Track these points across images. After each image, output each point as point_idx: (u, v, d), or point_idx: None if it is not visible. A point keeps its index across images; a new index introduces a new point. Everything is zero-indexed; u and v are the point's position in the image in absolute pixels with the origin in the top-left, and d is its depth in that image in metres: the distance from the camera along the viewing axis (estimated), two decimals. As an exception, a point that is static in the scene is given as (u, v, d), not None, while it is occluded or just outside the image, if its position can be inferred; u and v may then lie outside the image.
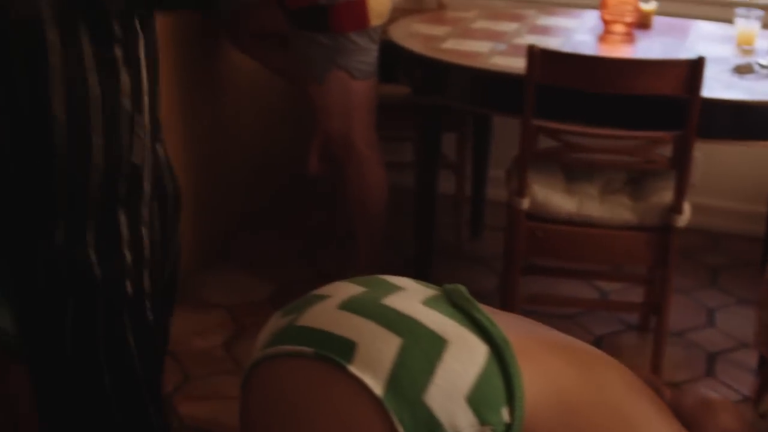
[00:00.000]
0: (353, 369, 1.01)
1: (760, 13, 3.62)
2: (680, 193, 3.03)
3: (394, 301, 1.09)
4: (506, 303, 3.28)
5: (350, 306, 1.08)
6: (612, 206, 3.12)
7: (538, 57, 2.94)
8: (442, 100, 3.48)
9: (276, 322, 1.14)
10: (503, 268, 3.57)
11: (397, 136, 4.07)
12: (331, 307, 1.09)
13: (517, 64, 3.17)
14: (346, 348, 1.03)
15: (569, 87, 3.01)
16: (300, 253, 4.10)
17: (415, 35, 3.62)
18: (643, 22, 3.79)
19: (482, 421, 1.02)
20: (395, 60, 3.51)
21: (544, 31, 3.80)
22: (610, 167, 3.25)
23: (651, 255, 3.15)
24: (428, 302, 1.10)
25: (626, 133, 3.09)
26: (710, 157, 3.68)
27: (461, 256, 4.16)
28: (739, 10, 3.65)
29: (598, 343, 3.51)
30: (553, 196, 3.13)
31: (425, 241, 3.75)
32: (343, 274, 3.65)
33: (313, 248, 4.15)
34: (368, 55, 3.41)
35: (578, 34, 3.77)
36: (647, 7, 3.80)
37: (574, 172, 3.29)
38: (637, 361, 3.32)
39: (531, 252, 3.20)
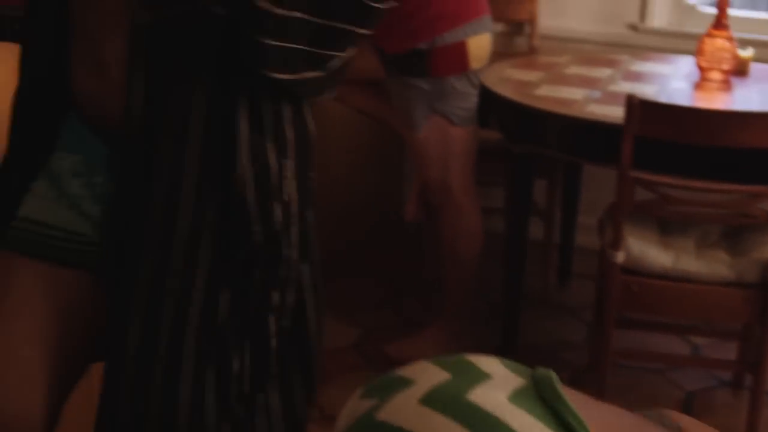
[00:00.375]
0: None
1: None
2: (781, 250, 2.94)
3: (478, 396, 1.02)
4: (596, 356, 3.21)
5: (433, 400, 1.02)
6: (709, 261, 3.03)
7: (637, 108, 2.87)
8: (535, 148, 3.42)
9: (357, 404, 1.08)
10: (594, 320, 3.50)
11: (487, 180, 4.02)
12: (413, 400, 1.03)
13: (614, 112, 3.11)
14: None
15: (668, 138, 2.93)
16: (386, 298, 4.06)
17: (508, 81, 3.58)
18: (740, 69, 3.70)
19: None
20: (487, 105, 3.46)
21: (639, 77, 3.73)
22: (707, 221, 3.16)
23: (748, 312, 3.05)
24: (515, 397, 1.03)
25: (726, 187, 3.00)
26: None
27: (548, 304, 4.09)
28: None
29: (689, 400, 3.41)
30: (648, 250, 3.05)
31: (514, 289, 3.68)
32: (430, 321, 3.65)
33: (400, 293, 4.11)
34: (467, 100, 3.37)
35: (674, 81, 3.70)
36: (745, 53, 3.71)
37: (668, 224, 3.20)
38: (732, 420, 3.22)
39: (624, 306, 3.12)
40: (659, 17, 4.39)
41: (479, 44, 3.34)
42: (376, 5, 1.58)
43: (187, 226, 1.62)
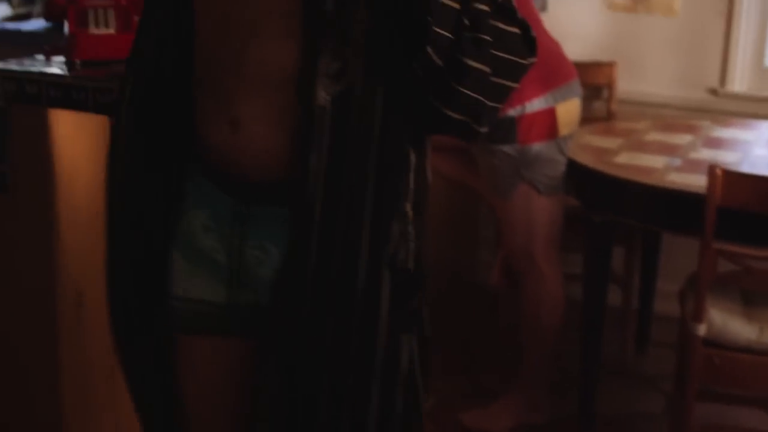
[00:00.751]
0: None
1: None
2: None
3: None
4: (677, 429, 3.14)
5: None
6: (794, 334, 2.96)
7: (720, 178, 2.82)
8: (615, 216, 3.37)
9: None
10: (674, 392, 3.43)
11: (565, 246, 3.98)
12: None
13: (695, 181, 3.06)
14: None
15: (752, 209, 2.88)
16: (460, 365, 4.01)
17: (586, 147, 3.54)
18: (824, 136, 3.64)
19: None
20: (566, 172, 3.42)
21: (720, 144, 3.68)
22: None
23: (836, 387, 2.97)
24: None
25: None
26: None
27: (626, 373, 4.02)
28: None
29: (773, 475, 3.33)
30: (731, 322, 2.98)
31: (591, 357, 3.62)
32: (505, 390, 3.60)
33: (474, 360, 4.06)
34: (555, 167, 3.33)
35: (756, 147, 3.63)
36: (829, 120, 3.65)
37: (752, 295, 3.14)
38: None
39: (706, 379, 3.05)
40: (740, 81, 4.33)
41: (568, 110, 3.32)
42: (528, 62, 1.69)
43: (365, 281, 1.72)
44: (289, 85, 1.66)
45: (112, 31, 2.37)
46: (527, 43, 1.68)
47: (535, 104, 3.25)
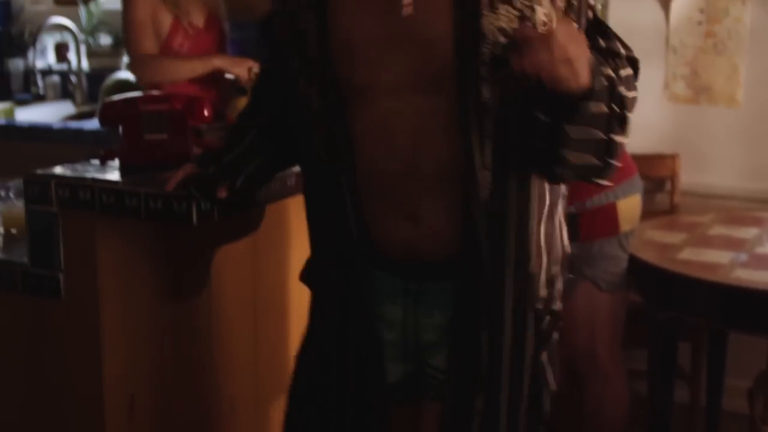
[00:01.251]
0: None
1: None
2: None
3: None
4: None
5: None
6: None
7: (788, 275, 2.75)
8: (679, 314, 3.29)
9: None
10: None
11: (628, 341, 3.89)
12: None
13: (763, 278, 3.01)
14: None
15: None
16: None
17: (649, 243, 3.47)
18: None
19: None
20: (628, 268, 3.35)
21: (787, 237, 3.59)
22: None
23: None
24: None
25: None
26: None
27: (695, 474, 3.90)
28: None
29: None
30: (803, 425, 2.89)
31: (659, 458, 3.52)
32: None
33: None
34: (617, 264, 3.27)
35: (824, 240, 3.54)
36: None
37: (824, 394, 3.05)
38: None
39: (778, 483, 2.95)
40: (807, 171, 4.26)
41: (630, 205, 3.27)
42: (633, 96, 1.86)
43: (512, 329, 1.98)
44: (459, 175, 1.84)
45: (165, 136, 2.36)
46: (635, 77, 1.88)
47: (596, 201, 3.20)
